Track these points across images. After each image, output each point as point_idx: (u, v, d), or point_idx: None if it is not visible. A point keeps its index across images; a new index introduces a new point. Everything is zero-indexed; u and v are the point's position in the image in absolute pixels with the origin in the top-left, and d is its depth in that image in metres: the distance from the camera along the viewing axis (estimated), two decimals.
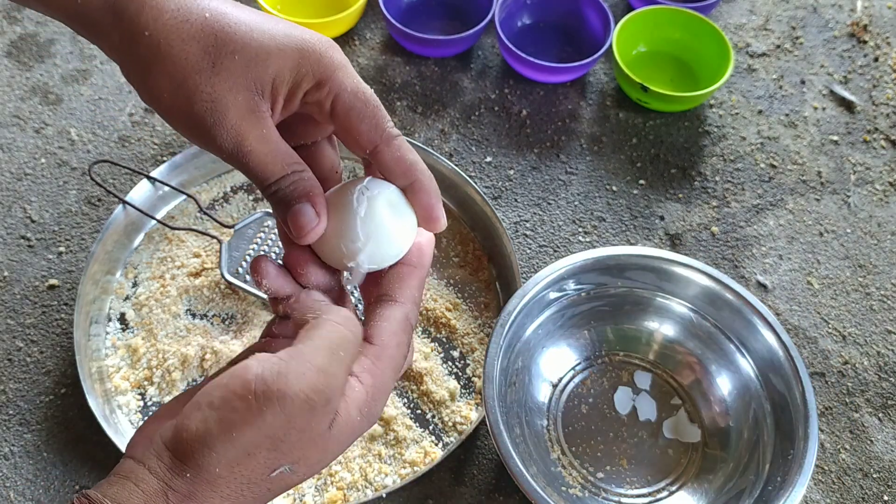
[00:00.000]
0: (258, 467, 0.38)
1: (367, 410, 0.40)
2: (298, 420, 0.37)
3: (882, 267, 0.80)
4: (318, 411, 0.37)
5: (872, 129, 0.90)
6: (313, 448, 0.39)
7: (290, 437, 0.37)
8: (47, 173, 0.83)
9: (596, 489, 0.67)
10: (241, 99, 0.41)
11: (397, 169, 0.44)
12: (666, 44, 0.92)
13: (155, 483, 0.37)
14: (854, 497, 0.69)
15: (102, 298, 0.75)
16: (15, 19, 0.94)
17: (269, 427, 0.37)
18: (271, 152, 0.42)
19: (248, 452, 0.37)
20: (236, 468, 0.37)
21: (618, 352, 0.73)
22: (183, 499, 0.37)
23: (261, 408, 0.36)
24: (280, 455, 0.38)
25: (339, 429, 0.39)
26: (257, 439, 0.37)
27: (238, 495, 0.38)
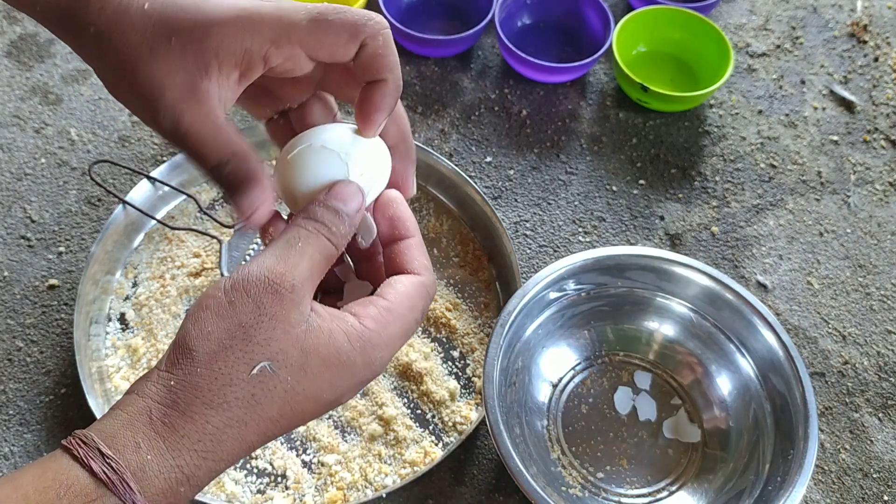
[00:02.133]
0: (237, 361, 0.38)
1: (361, 346, 0.40)
2: (266, 304, 0.38)
3: (882, 267, 0.80)
4: (285, 296, 0.38)
5: (872, 129, 0.90)
6: (289, 342, 0.38)
7: (262, 324, 0.38)
8: (47, 173, 0.83)
9: (596, 489, 0.67)
10: (178, 80, 0.41)
11: (373, 64, 0.42)
12: (666, 44, 0.92)
13: (140, 402, 0.37)
14: (854, 497, 0.69)
15: (102, 298, 0.75)
16: (15, 19, 0.94)
17: (239, 314, 0.38)
18: (211, 133, 0.41)
19: (223, 344, 0.38)
20: (214, 364, 0.37)
21: (618, 352, 0.73)
22: (166, 412, 0.37)
23: (230, 299, 0.38)
24: (255, 346, 0.38)
25: (318, 337, 0.39)
26: (230, 328, 0.38)
27: (221, 399, 0.37)
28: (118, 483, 0.35)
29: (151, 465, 0.36)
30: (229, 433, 0.38)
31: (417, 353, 0.72)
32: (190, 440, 0.37)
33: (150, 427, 0.37)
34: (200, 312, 0.39)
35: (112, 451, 0.36)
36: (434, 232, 0.80)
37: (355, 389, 0.41)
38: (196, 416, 0.37)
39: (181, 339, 0.38)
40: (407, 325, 0.42)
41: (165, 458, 0.36)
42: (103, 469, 0.35)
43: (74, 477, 0.35)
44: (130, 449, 0.36)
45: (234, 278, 0.39)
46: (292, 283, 0.39)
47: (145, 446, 0.36)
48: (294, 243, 0.40)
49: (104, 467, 0.35)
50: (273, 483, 0.67)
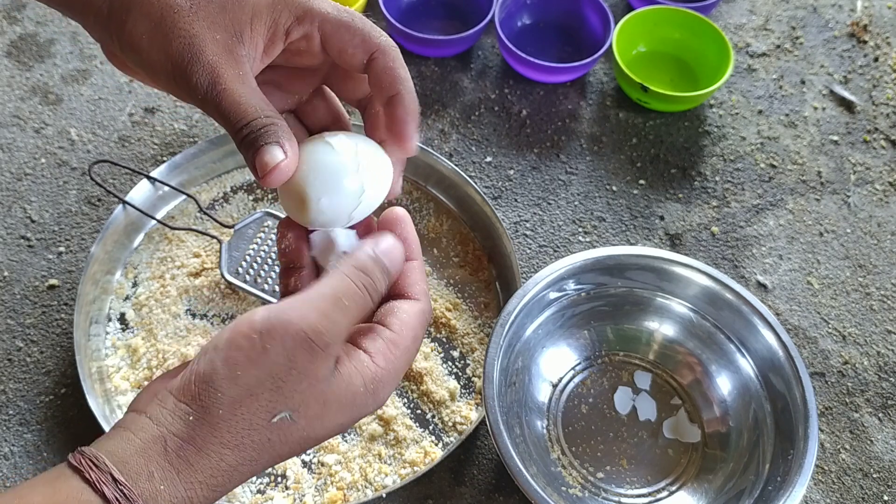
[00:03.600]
0: (260, 409, 0.38)
1: (374, 388, 0.40)
2: (299, 359, 0.38)
3: (882, 267, 0.80)
4: (318, 354, 0.38)
5: (872, 129, 0.90)
6: (313, 395, 0.39)
7: (291, 377, 0.38)
8: (47, 173, 0.83)
9: (596, 489, 0.67)
10: (218, 38, 0.42)
11: (385, 78, 0.44)
12: (666, 44, 0.92)
13: (154, 430, 0.37)
14: (854, 497, 0.69)
15: (102, 298, 0.75)
16: (15, 19, 0.94)
17: (271, 364, 0.37)
18: (246, 94, 0.42)
19: (251, 392, 0.38)
20: (238, 409, 0.37)
21: (618, 352, 0.73)
22: (182, 444, 0.37)
23: (264, 345, 0.37)
24: (281, 397, 0.38)
25: (339, 387, 0.39)
26: (260, 377, 0.37)
27: (238, 441, 0.38)
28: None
29: (163, 495, 0.36)
30: (241, 470, 0.38)
31: (417, 353, 0.72)
32: (203, 475, 0.37)
33: (164, 458, 0.37)
34: (232, 352, 0.38)
35: (125, 477, 0.36)
36: (434, 232, 0.80)
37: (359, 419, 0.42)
38: (212, 455, 0.37)
39: (206, 374, 0.38)
40: (410, 357, 0.43)
41: (178, 489, 0.37)
42: (116, 496, 0.35)
43: (87, 502, 0.35)
44: (144, 477, 0.36)
45: (272, 322, 0.38)
46: (328, 342, 0.39)
47: (158, 476, 0.36)
48: (340, 301, 0.40)
49: (117, 494, 0.35)
50: (273, 483, 0.67)
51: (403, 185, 0.82)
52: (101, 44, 0.46)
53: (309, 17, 0.43)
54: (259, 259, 0.75)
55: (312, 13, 0.43)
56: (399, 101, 0.44)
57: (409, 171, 0.82)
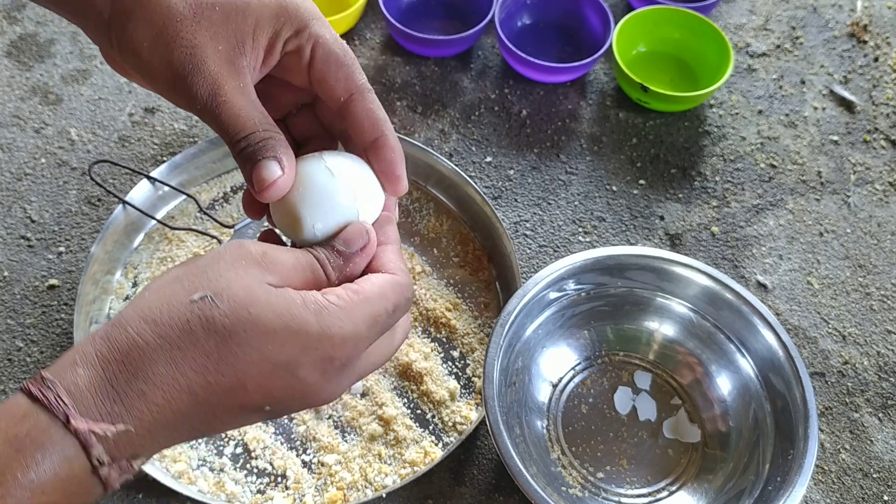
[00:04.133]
0: (180, 290, 0.38)
1: (316, 309, 0.38)
2: (228, 253, 0.39)
3: (882, 267, 0.80)
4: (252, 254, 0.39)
5: (872, 129, 0.90)
6: (238, 282, 0.38)
7: (217, 265, 0.39)
8: (47, 173, 0.83)
9: (596, 489, 0.67)
10: (221, 49, 0.42)
11: (367, 122, 0.44)
12: (666, 44, 0.92)
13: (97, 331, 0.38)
14: (854, 497, 0.69)
15: (102, 298, 0.75)
16: (15, 19, 0.94)
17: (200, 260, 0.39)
18: (246, 106, 0.42)
19: (177, 277, 0.38)
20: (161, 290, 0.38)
21: (618, 352, 0.73)
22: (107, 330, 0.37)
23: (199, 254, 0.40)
24: (202, 278, 0.38)
25: (272, 290, 0.38)
26: (188, 268, 0.39)
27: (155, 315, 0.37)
28: (52, 399, 0.35)
29: (83, 379, 0.36)
30: (161, 353, 0.36)
31: (417, 353, 0.72)
32: (120, 352, 0.36)
33: (89, 344, 0.37)
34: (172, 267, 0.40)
35: (52, 373, 0.36)
36: (434, 232, 0.80)
37: (315, 365, 0.39)
38: (130, 329, 0.37)
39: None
40: (374, 311, 0.40)
41: (96, 370, 0.36)
42: (40, 389, 0.36)
43: (14, 403, 0.36)
44: (67, 368, 0.36)
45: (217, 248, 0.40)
46: (264, 250, 0.39)
47: (80, 361, 0.36)
48: (286, 247, 0.41)
49: (41, 387, 0.36)
50: (273, 483, 0.67)
51: None
52: (101, 48, 0.46)
53: (306, 36, 0.44)
54: None
55: (310, 32, 0.44)
56: (384, 144, 0.45)
57: (409, 171, 0.81)
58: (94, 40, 0.46)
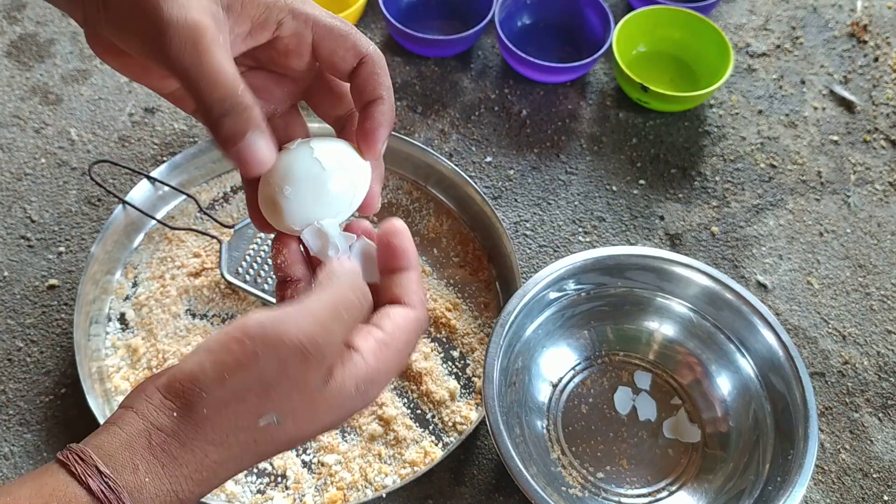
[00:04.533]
0: (246, 412, 0.38)
1: (364, 388, 0.40)
2: (291, 368, 0.37)
3: (882, 267, 0.80)
4: (312, 363, 0.38)
5: (872, 129, 0.90)
6: (303, 402, 0.38)
7: (282, 385, 0.38)
8: (47, 173, 0.83)
9: (596, 489, 0.67)
10: (203, 3, 0.40)
11: (369, 84, 0.44)
12: (666, 44, 0.92)
13: (139, 424, 0.37)
14: (854, 497, 0.69)
15: (102, 298, 0.75)
16: (15, 19, 0.94)
17: (261, 371, 0.37)
18: (226, 64, 0.39)
19: (238, 395, 0.37)
20: (224, 410, 0.37)
21: (618, 352, 0.73)
22: (166, 439, 0.37)
23: (255, 351, 0.37)
24: (269, 402, 0.38)
25: (331, 393, 0.39)
26: (248, 382, 0.37)
27: (222, 440, 0.37)
28: (115, 502, 0.35)
29: (148, 488, 0.36)
30: (226, 467, 0.38)
31: (417, 353, 0.72)
32: (188, 469, 0.37)
33: (148, 451, 0.37)
34: (221, 355, 0.37)
35: (110, 469, 0.36)
36: (434, 232, 0.80)
37: (346, 419, 0.42)
38: (196, 450, 0.37)
39: (193, 374, 0.37)
40: (401, 361, 0.42)
41: (163, 483, 0.37)
42: (101, 488, 0.35)
43: (72, 494, 0.35)
44: (129, 470, 0.36)
45: (267, 329, 0.37)
46: (323, 353, 0.38)
47: (143, 469, 0.36)
48: (338, 311, 0.39)
49: (102, 486, 0.35)
50: (273, 483, 0.67)
51: (403, 186, 0.82)
52: (87, 26, 0.44)
53: (303, 17, 0.43)
54: (259, 259, 0.75)
55: (307, 14, 0.43)
56: (378, 105, 0.44)
57: (409, 171, 0.82)
58: (80, 18, 0.44)
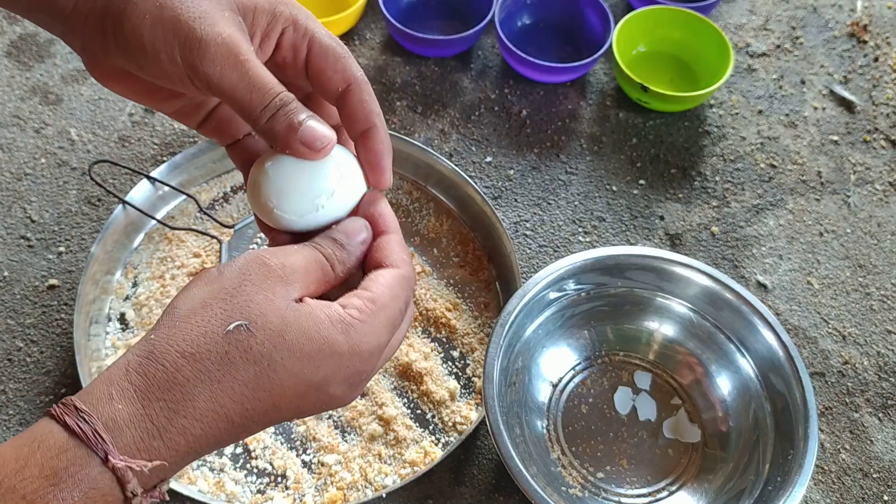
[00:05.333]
0: (213, 318, 0.38)
1: (343, 328, 0.39)
2: (253, 273, 0.39)
3: (882, 267, 0.80)
4: (273, 270, 0.40)
5: (872, 129, 0.90)
6: (270, 309, 0.38)
7: (245, 288, 0.39)
8: (47, 173, 0.83)
9: (596, 489, 0.67)
10: (227, 15, 0.41)
11: (360, 112, 0.45)
12: (666, 44, 0.92)
13: (121, 359, 0.38)
14: (854, 497, 0.69)
15: (102, 298, 0.75)
16: (15, 19, 0.94)
17: (224, 280, 0.39)
18: (263, 72, 0.41)
19: (204, 302, 0.38)
20: (191, 318, 0.38)
21: (618, 352, 0.73)
22: (140, 362, 0.37)
23: (220, 270, 0.40)
24: (234, 307, 0.38)
25: (300, 312, 0.39)
26: (213, 290, 0.39)
27: (194, 350, 0.37)
28: (90, 434, 0.35)
29: (122, 414, 0.36)
30: (201, 388, 0.37)
31: (417, 353, 0.72)
32: (160, 389, 0.37)
33: (125, 378, 0.37)
34: (191, 283, 0.40)
35: (86, 405, 0.36)
36: (434, 232, 0.80)
37: (346, 381, 0.41)
38: (167, 364, 0.37)
39: (170, 303, 0.40)
40: (391, 315, 0.42)
41: (135, 406, 0.36)
42: (76, 422, 0.35)
43: (49, 433, 0.36)
44: (104, 401, 0.36)
45: (230, 260, 0.40)
46: (282, 262, 0.40)
47: (117, 396, 0.36)
48: (292, 246, 0.42)
49: (77, 420, 0.36)
50: (273, 483, 0.67)
51: (403, 186, 0.82)
52: (86, 53, 0.44)
53: (303, 30, 0.44)
54: None
55: (307, 28, 0.44)
56: (375, 135, 0.45)
57: (409, 171, 0.82)
58: (80, 48, 0.45)
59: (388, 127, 0.58)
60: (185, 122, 0.49)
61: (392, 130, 0.85)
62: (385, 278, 0.43)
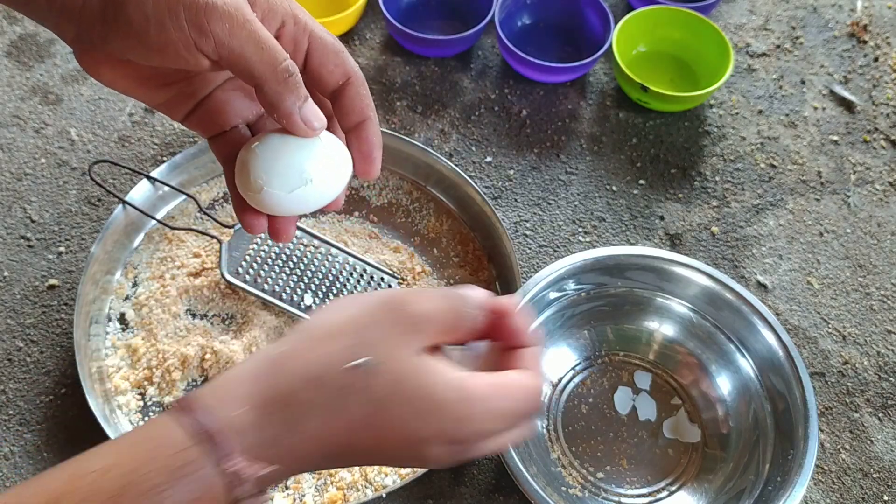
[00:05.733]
0: (337, 351, 0.39)
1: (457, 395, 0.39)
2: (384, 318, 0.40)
3: (882, 267, 0.80)
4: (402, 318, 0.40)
5: (872, 129, 0.90)
6: (393, 354, 0.39)
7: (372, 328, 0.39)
8: (47, 173, 0.83)
9: (596, 489, 0.67)
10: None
11: (357, 105, 0.46)
12: (666, 44, 0.92)
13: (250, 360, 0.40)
14: (854, 497, 0.69)
15: (102, 298, 0.75)
16: (15, 19, 0.94)
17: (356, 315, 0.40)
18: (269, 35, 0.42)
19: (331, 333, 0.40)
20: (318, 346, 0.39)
21: (618, 352, 0.73)
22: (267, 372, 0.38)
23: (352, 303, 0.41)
24: (360, 343, 0.39)
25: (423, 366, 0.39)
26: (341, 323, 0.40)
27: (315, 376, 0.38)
28: (216, 437, 0.36)
29: (245, 420, 0.37)
30: (315, 412, 0.38)
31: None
32: (280, 403, 0.38)
33: (253, 384, 0.38)
34: (329, 304, 0.41)
35: (209, 406, 0.37)
36: (434, 232, 0.80)
37: (446, 444, 0.40)
38: (290, 382, 0.38)
39: (305, 322, 0.41)
40: (513, 409, 0.40)
41: (259, 416, 0.37)
42: (198, 421, 0.37)
43: (169, 430, 0.37)
44: (229, 404, 0.37)
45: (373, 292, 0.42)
46: (419, 310, 0.40)
47: (242, 402, 0.37)
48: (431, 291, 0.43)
49: (202, 420, 0.37)
50: None
51: (403, 186, 0.82)
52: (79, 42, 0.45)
53: (302, 25, 0.45)
54: (259, 259, 0.75)
55: (306, 24, 0.45)
56: (370, 126, 0.47)
57: (409, 171, 0.82)
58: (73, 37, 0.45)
59: (388, 127, 0.59)
60: (172, 114, 0.50)
61: (392, 130, 0.85)
62: (521, 375, 0.41)
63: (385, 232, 0.80)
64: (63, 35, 0.46)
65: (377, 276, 0.75)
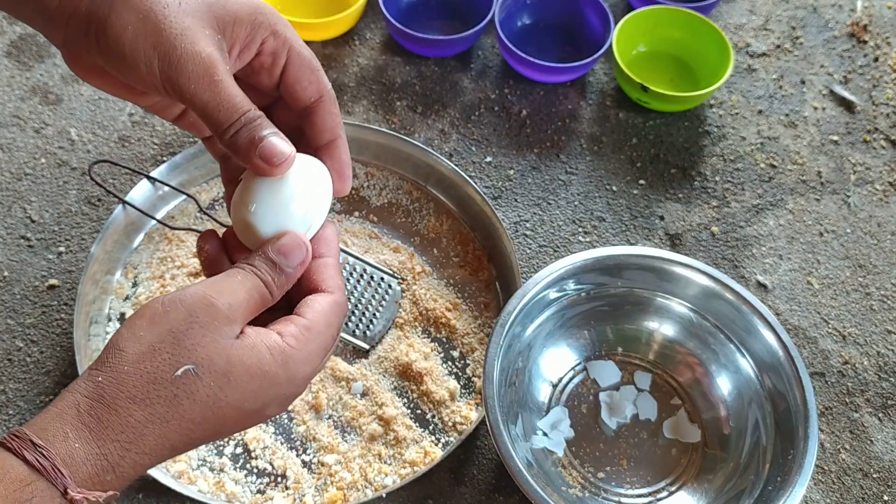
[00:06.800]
0: (163, 363, 0.40)
1: (282, 360, 0.42)
2: (199, 315, 0.40)
3: (882, 267, 0.81)
4: (218, 311, 0.41)
5: (872, 129, 0.90)
6: (216, 350, 0.40)
7: (192, 331, 0.40)
8: (47, 173, 0.83)
9: (596, 489, 0.67)
10: (207, 33, 0.43)
11: (328, 124, 0.47)
12: (666, 44, 0.92)
13: (69, 396, 0.40)
14: (854, 497, 0.69)
15: (102, 298, 0.75)
16: (15, 20, 0.94)
17: (171, 321, 0.40)
18: (237, 87, 0.43)
19: (153, 346, 0.40)
20: (141, 363, 0.40)
21: (618, 352, 0.73)
22: (92, 404, 0.39)
23: (165, 309, 0.41)
24: (183, 350, 0.40)
25: (244, 349, 0.41)
26: (161, 333, 0.40)
27: (144, 395, 0.39)
28: (50, 469, 0.37)
29: (79, 453, 0.38)
30: (151, 428, 0.39)
31: (417, 353, 0.72)
32: (114, 431, 0.39)
33: (77, 419, 0.39)
34: (136, 319, 0.41)
35: (43, 441, 0.38)
36: (434, 232, 0.80)
37: (280, 404, 0.44)
38: (120, 410, 0.39)
39: (114, 340, 0.41)
40: (324, 342, 0.44)
41: (91, 447, 0.39)
42: (36, 457, 0.38)
43: (10, 466, 0.38)
44: (60, 439, 0.38)
45: (173, 294, 0.41)
46: (228, 302, 0.41)
47: (73, 436, 0.39)
48: (234, 276, 0.43)
49: (37, 455, 0.38)
50: (273, 483, 0.67)
51: (403, 186, 0.82)
52: (67, 48, 0.45)
53: (282, 39, 0.46)
54: None
55: (286, 37, 0.46)
56: (341, 145, 0.48)
57: (409, 171, 0.82)
58: (61, 42, 0.45)
59: (388, 127, 0.59)
60: (162, 115, 0.51)
61: (392, 130, 0.85)
62: (321, 305, 0.45)
63: (385, 232, 0.80)
64: (52, 39, 0.46)
65: (377, 276, 0.75)
